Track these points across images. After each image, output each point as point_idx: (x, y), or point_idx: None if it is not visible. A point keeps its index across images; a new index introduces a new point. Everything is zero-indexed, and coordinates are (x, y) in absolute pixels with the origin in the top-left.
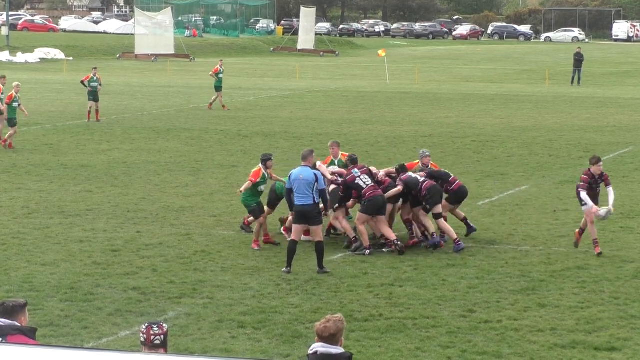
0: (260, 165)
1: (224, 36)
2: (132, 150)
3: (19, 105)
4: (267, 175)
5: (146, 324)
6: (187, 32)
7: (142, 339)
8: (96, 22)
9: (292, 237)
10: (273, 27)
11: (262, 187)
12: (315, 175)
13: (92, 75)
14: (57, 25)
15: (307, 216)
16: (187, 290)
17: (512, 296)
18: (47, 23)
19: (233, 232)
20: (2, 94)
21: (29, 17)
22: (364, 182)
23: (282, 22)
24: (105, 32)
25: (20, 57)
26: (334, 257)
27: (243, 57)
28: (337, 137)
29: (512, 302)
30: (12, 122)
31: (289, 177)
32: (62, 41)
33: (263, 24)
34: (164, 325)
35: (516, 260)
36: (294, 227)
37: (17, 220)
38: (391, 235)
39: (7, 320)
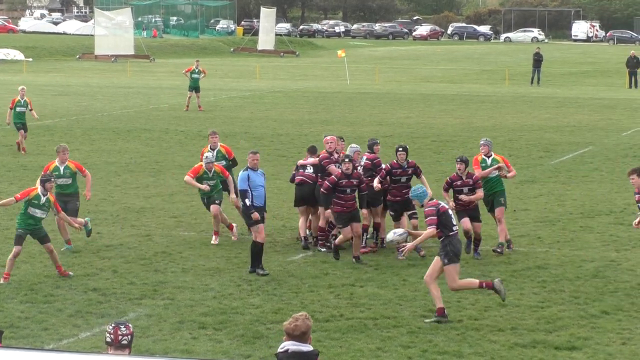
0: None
1: (184, 37)
2: (92, 151)
3: (31, 110)
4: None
5: (113, 324)
6: (144, 33)
7: (109, 339)
8: (55, 23)
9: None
10: (233, 28)
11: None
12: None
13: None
14: (17, 25)
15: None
16: (148, 292)
17: (472, 296)
18: (6, 24)
19: (194, 232)
20: None
21: None
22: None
23: (242, 22)
24: (64, 33)
25: None
26: (295, 258)
27: (203, 57)
28: (297, 137)
29: (472, 302)
30: (17, 127)
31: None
32: (22, 42)
33: (223, 24)
34: (130, 325)
35: (477, 260)
36: (261, 227)
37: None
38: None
39: None
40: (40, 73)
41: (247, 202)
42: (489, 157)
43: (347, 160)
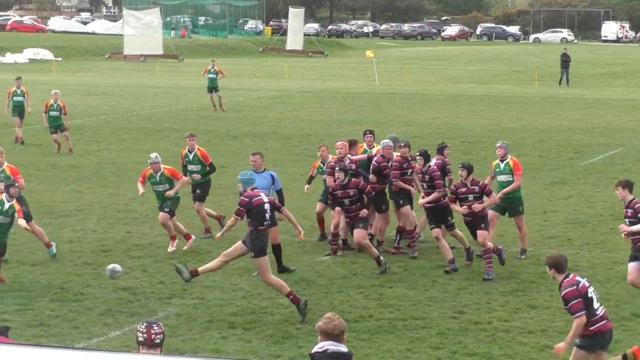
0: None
1: (212, 37)
2: (121, 150)
3: (64, 114)
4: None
5: (145, 323)
6: (173, 33)
7: (142, 338)
8: (85, 23)
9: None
10: (261, 28)
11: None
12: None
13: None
14: (47, 25)
15: None
16: (177, 291)
17: (502, 297)
18: (35, 23)
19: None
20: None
21: (18, 18)
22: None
23: (271, 22)
24: (94, 33)
25: (9, 58)
26: (324, 258)
27: (232, 57)
28: (326, 137)
29: (502, 304)
30: (51, 131)
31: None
32: (51, 42)
33: (251, 24)
34: (161, 324)
35: (506, 262)
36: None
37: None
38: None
39: None
40: (69, 73)
41: None
42: (503, 160)
43: (338, 169)
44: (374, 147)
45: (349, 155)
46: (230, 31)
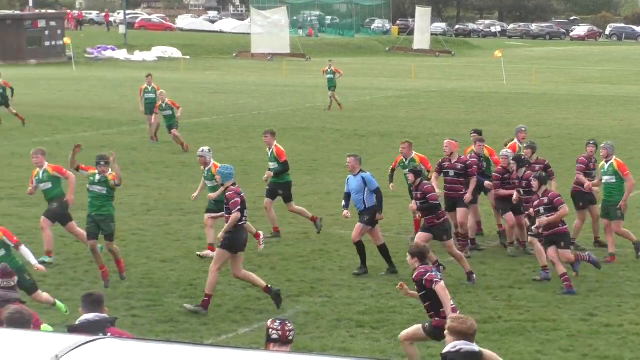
0: None
1: (339, 36)
2: (249, 148)
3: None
4: None
5: (278, 320)
6: (300, 32)
7: (276, 335)
8: (212, 21)
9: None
10: (388, 27)
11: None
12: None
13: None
14: (174, 24)
15: None
16: (306, 289)
17: (633, 300)
18: (164, 22)
19: (350, 231)
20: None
21: (146, 16)
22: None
23: (398, 22)
24: (221, 32)
25: (138, 56)
26: (452, 259)
27: (358, 57)
28: (453, 137)
29: (633, 307)
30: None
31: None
32: (179, 40)
33: (378, 23)
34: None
35: (638, 264)
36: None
37: (136, 217)
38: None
39: (99, 314)
40: (197, 71)
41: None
42: (608, 162)
43: (409, 170)
44: (482, 147)
45: (456, 154)
46: (357, 30)
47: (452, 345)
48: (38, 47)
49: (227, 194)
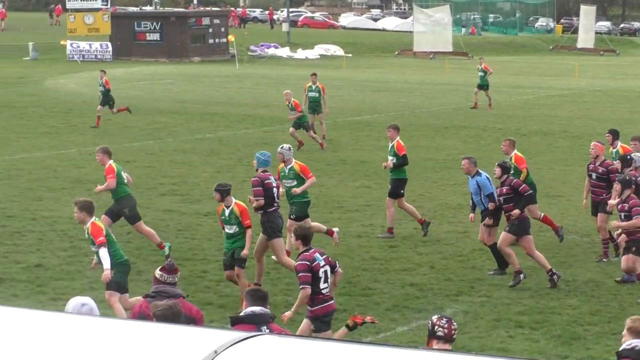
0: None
1: (502, 34)
2: (410, 147)
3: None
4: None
5: (445, 318)
6: (463, 30)
7: (441, 333)
8: (375, 19)
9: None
10: (552, 26)
11: None
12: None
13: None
14: (337, 22)
15: None
16: (465, 288)
17: None
18: (326, 20)
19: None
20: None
21: (309, 14)
22: None
23: (562, 20)
24: (384, 30)
25: (301, 54)
26: (614, 259)
27: (522, 55)
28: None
29: None
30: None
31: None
32: (342, 38)
33: (542, 22)
34: None
35: None
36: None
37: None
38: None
39: (264, 308)
40: (359, 69)
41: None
42: None
43: (497, 164)
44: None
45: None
46: (521, 29)
47: (627, 343)
48: (202, 45)
49: (253, 179)
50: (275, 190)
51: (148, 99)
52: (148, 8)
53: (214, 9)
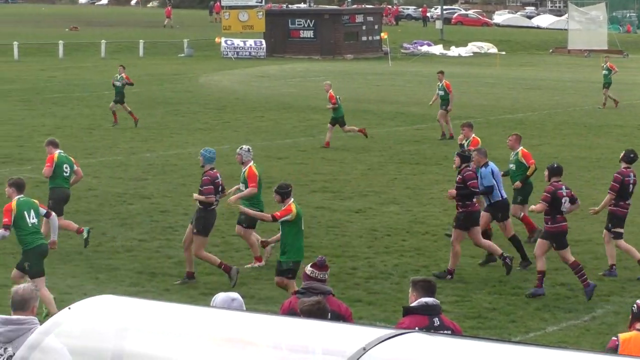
0: None
1: None
2: (562, 145)
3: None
4: None
5: None
6: (620, 29)
7: None
8: (529, 17)
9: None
10: None
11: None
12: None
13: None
14: (491, 19)
15: None
16: (616, 289)
17: None
18: (480, 17)
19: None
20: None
21: (463, 12)
22: None
23: None
24: (538, 27)
25: (454, 51)
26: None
27: None
28: None
29: None
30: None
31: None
32: (495, 35)
33: None
34: None
35: None
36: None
37: (447, 212)
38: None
39: (435, 300)
40: (512, 67)
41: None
42: None
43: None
44: None
45: None
46: None
47: None
48: (355, 42)
49: (205, 177)
50: (220, 188)
51: (301, 96)
52: (302, 6)
53: (367, 6)
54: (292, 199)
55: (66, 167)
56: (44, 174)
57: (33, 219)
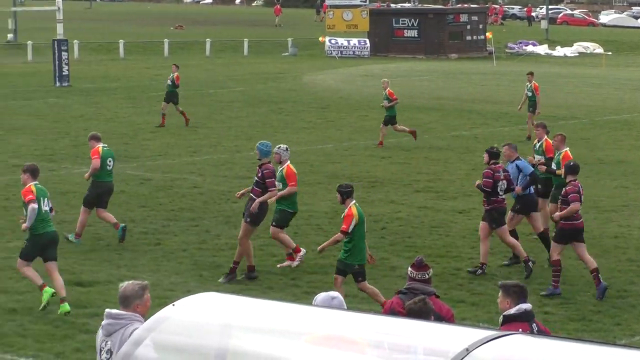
0: None
1: None
2: None
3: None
4: None
5: None
6: None
7: None
8: (636, 17)
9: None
10: None
11: None
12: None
13: None
14: (597, 19)
15: None
16: None
17: None
18: (586, 17)
19: None
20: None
21: (569, 11)
22: None
23: None
24: None
25: (559, 51)
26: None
27: None
28: None
29: None
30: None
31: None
32: (601, 35)
33: None
34: None
35: None
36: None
37: None
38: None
39: (530, 305)
40: (619, 67)
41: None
42: None
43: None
44: None
45: None
46: None
47: None
48: (459, 42)
49: (268, 170)
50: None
51: (405, 96)
52: (406, 5)
53: (472, 5)
54: (354, 201)
55: (109, 161)
56: (94, 165)
57: (46, 206)
